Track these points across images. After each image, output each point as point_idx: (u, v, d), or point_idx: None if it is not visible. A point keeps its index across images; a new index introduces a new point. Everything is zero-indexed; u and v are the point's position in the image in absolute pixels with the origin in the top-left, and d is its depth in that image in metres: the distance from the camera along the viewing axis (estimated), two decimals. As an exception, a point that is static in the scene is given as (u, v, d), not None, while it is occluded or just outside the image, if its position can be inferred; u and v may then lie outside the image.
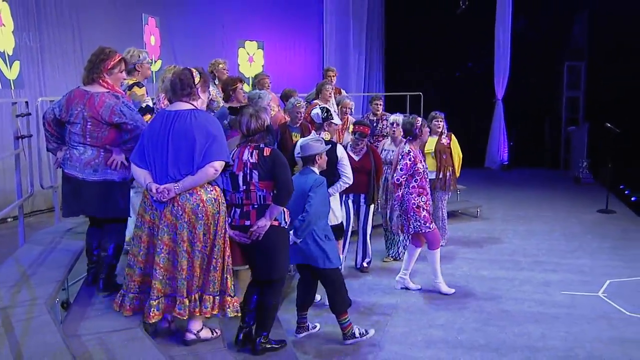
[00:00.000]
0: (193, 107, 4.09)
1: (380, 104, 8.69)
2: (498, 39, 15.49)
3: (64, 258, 5.04)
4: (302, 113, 6.79)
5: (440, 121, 8.04)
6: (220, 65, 7.64)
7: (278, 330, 5.06)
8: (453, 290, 6.37)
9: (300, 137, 6.38)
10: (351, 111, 8.02)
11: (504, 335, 5.36)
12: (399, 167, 6.20)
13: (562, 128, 16.21)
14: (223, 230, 4.14)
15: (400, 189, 6.23)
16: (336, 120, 6.40)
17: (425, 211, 6.22)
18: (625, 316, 5.78)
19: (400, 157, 6.26)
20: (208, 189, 4.05)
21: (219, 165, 4.00)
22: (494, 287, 6.62)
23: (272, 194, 4.35)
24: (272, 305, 4.60)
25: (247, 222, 4.35)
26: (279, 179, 4.32)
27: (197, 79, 4.13)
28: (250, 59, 10.76)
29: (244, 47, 10.72)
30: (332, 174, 5.98)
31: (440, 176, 8.03)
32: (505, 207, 11.04)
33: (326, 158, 5.22)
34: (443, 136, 8.09)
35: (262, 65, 10.69)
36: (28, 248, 5.43)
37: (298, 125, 6.77)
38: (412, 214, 6.20)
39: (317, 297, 5.83)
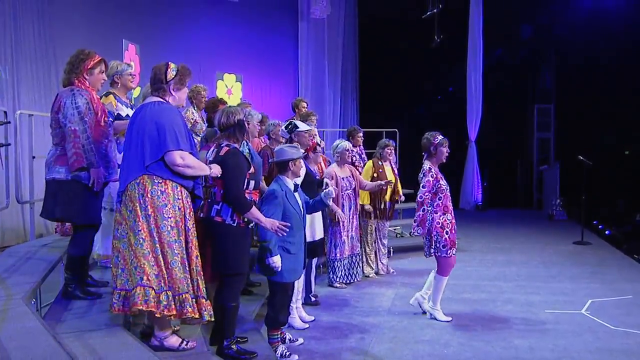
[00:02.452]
0: (159, 101, 3.97)
1: (361, 136, 8.81)
2: (470, 82, 15.83)
3: (40, 265, 4.87)
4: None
5: (391, 149, 8.19)
6: (202, 93, 7.57)
7: (258, 342, 4.97)
8: (450, 319, 6.12)
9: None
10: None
11: (490, 348, 5.26)
12: (420, 185, 5.97)
13: (534, 169, 16.50)
14: (180, 226, 3.92)
15: (423, 208, 5.96)
16: (302, 127, 6.35)
17: (447, 233, 5.94)
18: (611, 330, 5.75)
19: (421, 174, 6.05)
20: (155, 181, 3.85)
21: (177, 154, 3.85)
22: (478, 308, 6.56)
23: (222, 192, 4.35)
24: (229, 308, 4.47)
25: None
26: (225, 180, 4.32)
27: (170, 75, 3.98)
28: (229, 91, 10.82)
29: (222, 80, 10.79)
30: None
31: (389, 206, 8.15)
32: (482, 241, 11.08)
33: (302, 166, 5.13)
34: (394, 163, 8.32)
35: (240, 98, 10.73)
36: (2, 258, 5.23)
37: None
38: (434, 234, 5.93)
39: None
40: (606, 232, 11.61)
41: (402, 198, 8.53)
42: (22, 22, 8.26)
